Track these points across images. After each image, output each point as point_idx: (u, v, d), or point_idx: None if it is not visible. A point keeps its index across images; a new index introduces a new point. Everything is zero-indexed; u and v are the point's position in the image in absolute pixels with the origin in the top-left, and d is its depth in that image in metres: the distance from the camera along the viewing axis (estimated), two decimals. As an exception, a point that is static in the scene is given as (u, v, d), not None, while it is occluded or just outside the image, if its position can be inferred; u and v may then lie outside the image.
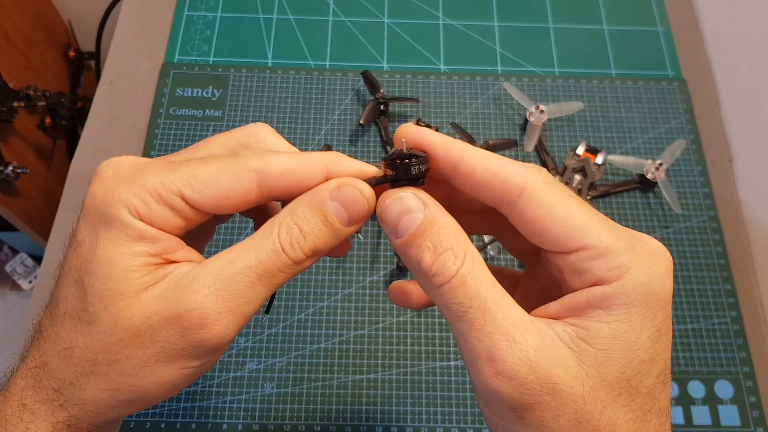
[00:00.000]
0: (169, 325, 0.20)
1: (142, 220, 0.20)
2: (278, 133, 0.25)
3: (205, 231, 0.26)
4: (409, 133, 0.22)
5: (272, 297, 0.25)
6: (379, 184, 0.22)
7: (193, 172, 0.21)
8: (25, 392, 0.21)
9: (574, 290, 0.21)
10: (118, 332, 0.20)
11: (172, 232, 0.21)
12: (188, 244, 0.22)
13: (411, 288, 0.26)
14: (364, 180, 0.22)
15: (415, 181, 0.22)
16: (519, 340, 0.19)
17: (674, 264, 0.50)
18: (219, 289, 0.20)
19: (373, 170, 0.22)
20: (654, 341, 0.19)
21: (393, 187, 0.22)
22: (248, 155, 0.21)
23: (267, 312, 0.26)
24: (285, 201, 0.22)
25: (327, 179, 0.22)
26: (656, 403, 0.20)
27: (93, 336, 0.20)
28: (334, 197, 0.21)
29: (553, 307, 0.21)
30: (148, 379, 0.20)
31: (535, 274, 0.25)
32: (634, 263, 0.19)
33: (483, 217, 0.25)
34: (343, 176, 0.22)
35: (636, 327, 0.19)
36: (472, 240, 0.26)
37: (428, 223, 0.20)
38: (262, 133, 0.24)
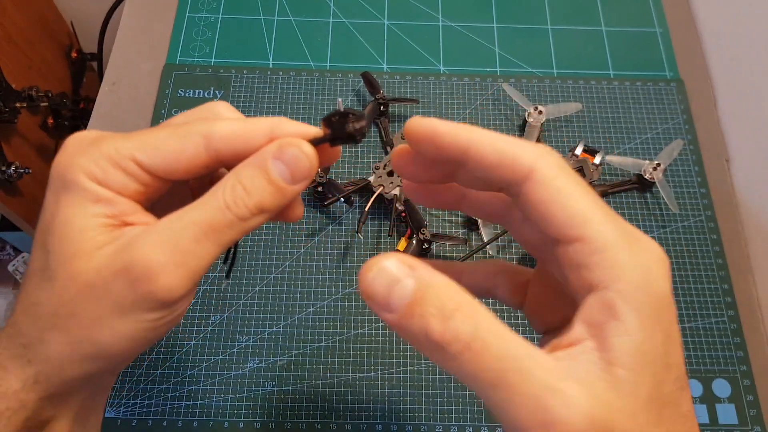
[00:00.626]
0: (119, 277, 0.21)
1: (99, 184, 0.21)
2: (238, 111, 0.26)
3: (179, 203, 0.27)
4: (417, 125, 0.22)
5: (232, 262, 0.26)
6: (319, 143, 0.23)
7: (145, 138, 0.22)
8: (0, 352, 0.22)
9: (574, 288, 0.20)
10: (74, 286, 0.21)
11: (131, 196, 0.22)
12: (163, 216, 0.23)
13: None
14: (306, 140, 0.22)
15: (352, 138, 0.22)
16: (569, 393, 0.17)
17: (671, 263, 0.51)
18: (164, 242, 0.21)
19: (314, 131, 0.23)
20: (666, 346, 0.18)
21: (333, 145, 0.23)
22: (196, 122, 0.23)
23: (227, 277, 0.26)
24: (233, 166, 0.23)
25: (271, 142, 0.22)
26: (678, 408, 0.19)
27: (53, 291, 0.21)
28: (276, 156, 0.22)
29: (573, 333, 0.19)
30: (105, 333, 0.21)
31: (548, 270, 0.24)
32: (633, 263, 0.19)
33: (494, 206, 0.25)
34: (286, 137, 0.22)
35: (649, 334, 0.18)
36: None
37: (424, 287, 0.18)
38: (219, 108, 0.25)
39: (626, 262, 0.19)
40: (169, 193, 0.24)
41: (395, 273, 0.18)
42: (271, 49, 0.59)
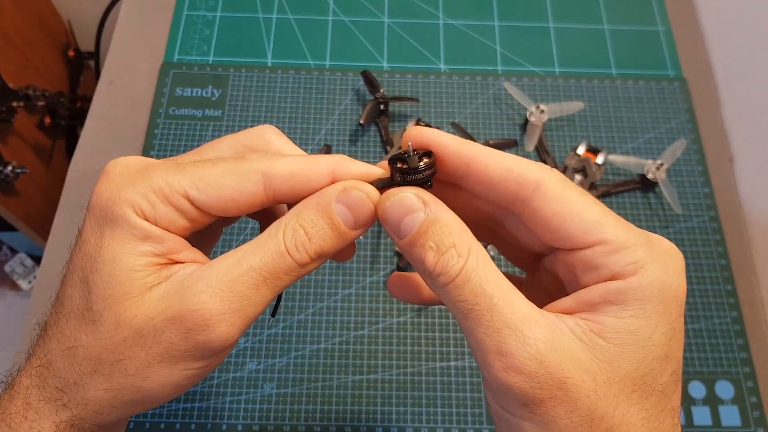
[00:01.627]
0: (172, 325, 0.20)
1: (147, 220, 0.20)
2: (287, 137, 0.25)
3: (212, 233, 0.26)
4: (418, 135, 0.21)
5: (278, 300, 0.25)
6: (385, 188, 0.22)
7: (199, 173, 0.21)
8: (29, 391, 0.21)
9: (586, 287, 0.20)
10: (122, 332, 0.20)
11: (177, 232, 0.21)
12: (194, 245, 0.22)
13: (411, 279, 0.26)
14: (370, 182, 0.22)
15: (423, 185, 0.21)
16: (528, 334, 0.18)
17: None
18: (223, 290, 0.20)
19: (379, 172, 0.22)
20: (669, 339, 0.19)
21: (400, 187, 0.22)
22: (254, 158, 0.21)
23: (273, 315, 0.26)
24: (291, 204, 0.22)
25: (333, 182, 0.22)
26: (669, 402, 0.20)
27: (97, 335, 0.20)
28: (340, 200, 0.21)
29: (565, 302, 0.21)
30: (151, 380, 0.20)
31: (538, 280, 0.25)
32: (650, 259, 0.19)
33: (480, 227, 0.25)
34: (349, 179, 0.22)
35: (651, 323, 0.19)
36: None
37: (430, 222, 0.20)
38: (269, 136, 0.24)
39: (644, 258, 0.19)
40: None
41: (410, 204, 0.20)
42: (270, 47, 0.58)
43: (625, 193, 0.52)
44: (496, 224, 0.24)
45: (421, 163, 0.21)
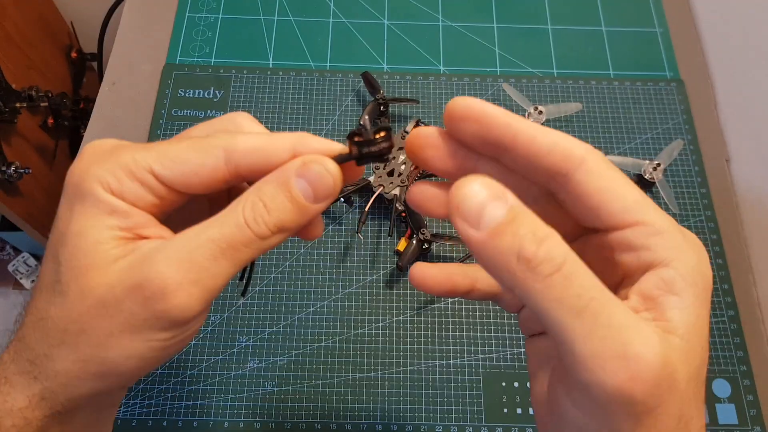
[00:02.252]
0: (132, 294, 0.20)
1: (114, 195, 0.21)
2: (260, 123, 0.25)
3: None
4: (466, 104, 0.21)
5: (248, 280, 0.25)
6: (344, 162, 0.22)
7: (165, 150, 0.21)
8: (7, 366, 0.22)
9: (626, 271, 0.20)
10: (85, 301, 0.20)
11: (144, 208, 0.21)
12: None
13: (445, 268, 0.26)
14: (330, 158, 0.22)
15: (380, 157, 0.22)
16: (647, 333, 0.17)
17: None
18: (180, 260, 0.20)
19: (339, 147, 0.22)
20: (706, 328, 0.19)
21: (359, 164, 0.22)
22: (218, 135, 0.22)
23: (243, 295, 0.26)
24: (253, 182, 0.22)
25: (294, 158, 0.22)
26: (702, 393, 0.19)
27: (63, 306, 0.21)
28: (299, 174, 0.21)
29: (630, 302, 0.19)
30: (114, 351, 0.21)
31: None
32: (687, 246, 0.19)
33: None
34: (309, 154, 0.22)
35: (703, 313, 0.19)
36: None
37: (519, 207, 0.18)
38: (240, 120, 0.24)
39: (683, 244, 0.19)
40: (186, 206, 0.24)
41: (495, 191, 0.18)
42: (271, 49, 0.59)
43: (623, 193, 0.52)
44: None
45: (378, 136, 0.21)
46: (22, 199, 0.78)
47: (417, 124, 0.51)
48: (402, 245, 0.48)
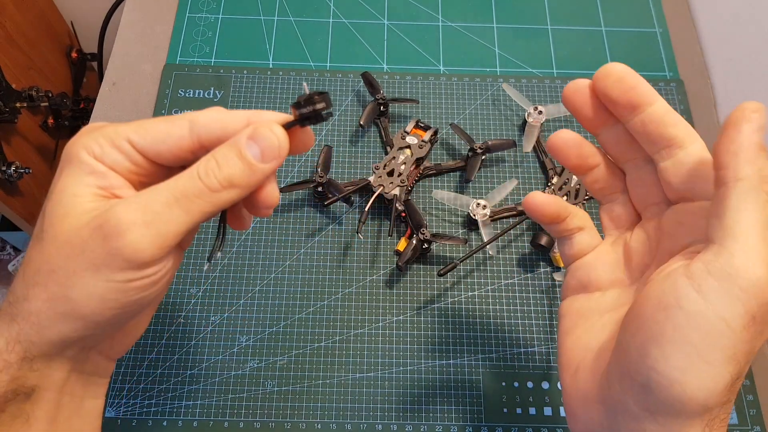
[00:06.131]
0: (94, 233, 0.22)
1: (96, 159, 0.24)
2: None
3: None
4: (623, 69, 0.25)
5: (222, 241, 0.27)
6: (290, 126, 0.25)
7: (141, 122, 0.25)
8: None
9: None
10: (56, 243, 0.23)
11: (122, 173, 0.24)
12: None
13: (549, 199, 0.30)
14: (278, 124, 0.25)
15: (319, 117, 0.24)
16: None
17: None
18: (137, 204, 0.23)
19: (289, 117, 0.25)
20: None
21: (302, 126, 0.25)
22: (186, 112, 0.25)
23: (209, 260, 0.27)
24: None
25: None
26: None
27: (40, 250, 0.23)
28: (249, 137, 0.24)
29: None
30: (77, 289, 0.22)
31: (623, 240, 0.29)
32: None
33: (616, 169, 0.29)
34: (261, 122, 0.25)
35: None
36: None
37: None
38: (212, 108, 0.27)
39: None
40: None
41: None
42: (271, 49, 0.59)
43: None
44: (621, 173, 0.29)
45: (315, 98, 0.24)
46: (22, 199, 0.78)
47: (417, 124, 0.51)
48: (402, 245, 0.48)
